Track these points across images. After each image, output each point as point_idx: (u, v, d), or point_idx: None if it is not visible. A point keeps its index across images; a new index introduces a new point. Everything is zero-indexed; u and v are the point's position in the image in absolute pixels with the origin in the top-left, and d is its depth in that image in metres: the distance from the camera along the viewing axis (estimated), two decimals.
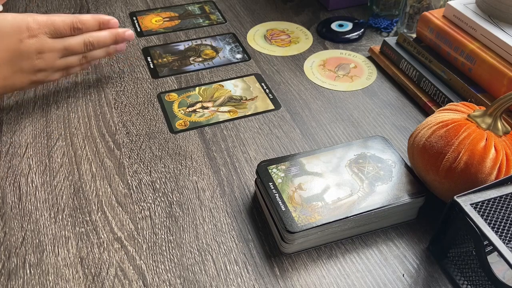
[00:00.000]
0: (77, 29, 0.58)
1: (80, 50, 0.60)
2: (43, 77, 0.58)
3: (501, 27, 0.58)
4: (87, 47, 0.60)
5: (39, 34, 0.55)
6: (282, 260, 0.45)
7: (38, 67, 0.57)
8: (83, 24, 0.59)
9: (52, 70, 0.59)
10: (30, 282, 0.43)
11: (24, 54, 0.55)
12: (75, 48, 0.59)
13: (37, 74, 0.58)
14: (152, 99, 0.64)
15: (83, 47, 0.60)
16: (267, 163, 0.50)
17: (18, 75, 0.56)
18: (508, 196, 0.42)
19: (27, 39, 0.54)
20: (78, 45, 0.59)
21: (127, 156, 0.55)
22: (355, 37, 0.76)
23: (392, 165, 0.50)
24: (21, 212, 0.49)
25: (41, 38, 0.55)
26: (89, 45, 0.60)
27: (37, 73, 0.57)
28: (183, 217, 0.49)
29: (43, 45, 0.56)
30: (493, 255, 0.43)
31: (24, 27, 0.54)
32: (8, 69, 0.54)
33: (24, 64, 0.55)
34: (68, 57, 0.59)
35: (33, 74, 0.57)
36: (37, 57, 0.56)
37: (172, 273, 0.44)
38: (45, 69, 0.58)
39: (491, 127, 0.46)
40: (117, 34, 0.62)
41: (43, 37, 0.56)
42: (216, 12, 0.83)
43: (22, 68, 0.56)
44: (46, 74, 0.59)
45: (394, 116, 0.62)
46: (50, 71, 0.59)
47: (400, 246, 0.47)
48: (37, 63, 0.56)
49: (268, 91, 0.66)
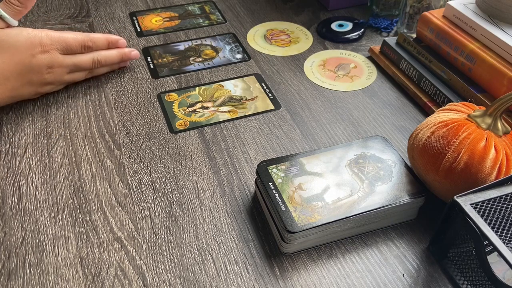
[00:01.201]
0: (88, 47, 0.62)
1: (88, 67, 0.63)
2: (49, 89, 0.62)
3: (501, 27, 0.58)
4: (95, 65, 0.63)
5: (51, 50, 0.58)
6: (282, 260, 0.46)
7: (47, 81, 0.60)
8: (93, 43, 0.62)
9: (59, 84, 0.62)
10: (30, 282, 0.43)
11: (35, 68, 0.57)
12: (83, 65, 0.62)
13: (44, 87, 0.61)
14: (152, 99, 0.64)
15: (91, 65, 0.63)
16: (267, 163, 0.50)
17: (27, 87, 0.59)
18: (508, 196, 0.42)
19: (39, 54, 0.57)
20: (87, 63, 0.62)
21: (127, 156, 0.55)
22: (355, 37, 0.76)
23: (392, 165, 0.50)
24: (21, 212, 0.49)
25: (52, 54, 0.58)
26: (97, 63, 0.63)
27: (45, 86, 0.60)
28: (183, 217, 0.49)
29: (53, 61, 0.58)
30: (493, 255, 0.43)
31: (37, 42, 0.57)
32: (18, 81, 0.57)
33: (33, 77, 0.58)
34: (76, 72, 0.63)
35: (41, 87, 0.60)
36: (47, 71, 0.59)
37: (172, 273, 0.44)
38: (53, 83, 0.61)
39: (491, 127, 0.46)
40: (124, 54, 0.66)
41: (54, 53, 0.58)
42: (216, 12, 0.83)
43: (31, 81, 0.58)
44: (53, 87, 0.62)
45: (394, 116, 0.62)
46: (56, 84, 0.62)
47: (400, 246, 0.47)
48: (47, 77, 0.59)
49: (268, 91, 0.66)
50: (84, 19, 0.79)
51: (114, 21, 0.79)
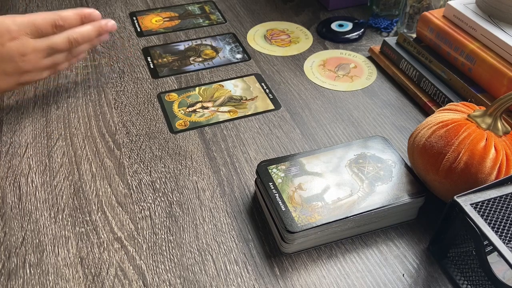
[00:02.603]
0: (59, 26, 0.57)
1: (65, 47, 0.58)
2: (30, 78, 0.58)
3: (501, 27, 0.58)
4: (71, 44, 0.59)
5: (20, 36, 0.54)
6: (282, 260, 0.45)
7: (24, 69, 0.56)
8: (64, 21, 0.57)
9: (38, 70, 0.58)
10: (30, 282, 0.43)
11: (6, 58, 0.54)
12: (59, 46, 0.58)
13: (24, 76, 0.57)
14: (152, 99, 0.64)
15: (68, 44, 0.58)
16: (267, 163, 0.50)
17: (3, 78, 0.55)
18: (508, 196, 0.42)
19: (8, 42, 0.53)
20: (62, 43, 0.58)
21: (127, 156, 0.55)
22: (355, 37, 0.76)
23: (392, 165, 0.50)
24: (21, 212, 0.49)
25: (22, 40, 0.54)
26: (74, 42, 0.59)
27: (24, 75, 0.57)
28: (183, 217, 0.49)
29: (25, 47, 0.55)
30: (493, 255, 0.43)
31: (4, 30, 0.53)
32: None
33: (7, 67, 0.55)
34: (54, 55, 0.58)
35: (19, 76, 0.56)
36: (20, 59, 0.55)
37: (172, 273, 0.44)
38: (31, 70, 0.57)
39: (491, 127, 0.46)
40: (100, 27, 0.61)
41: (24, 38, 0.54)
42: (216, 12, 0.83)
43: (6, 71, 0.55)
44: (33, 75, 0.58)
45: (394, 116, 0.62)
46: (36, 71, 0.58)
47: (400, 246, 0.47)
48: (22, 65, 0.55)
49: (268, 91, 0.66)
50: None
51: (114, 21, 0.79)
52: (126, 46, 0.74)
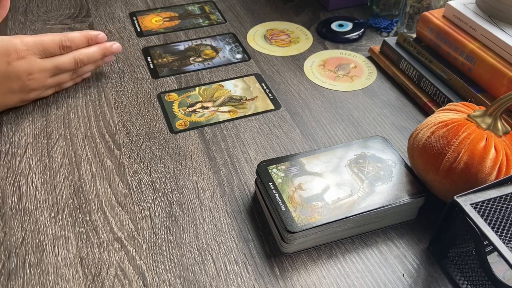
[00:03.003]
0: (66, 47, 0.60)
1: (70, 67, 0.61)
2: (35, 96, 0.60)
3: (501, 27, 0.58)
4: (77, 64, 0.61)
5: (28, 55, 0.56)
6: (282, 260, 0.46)
7: (29, 87, 0.58)
8: (71, 42, 0.60)
9: (43, 88, 0.60)
10: (30, 282, 0.43)
11: (13, 76, 0.56)
12: (65, 66, 0.60)
13: (29, 94, 0.59)
14: (152, 99, 0.64)
15: (74, 65, 0.61)
16: (267, 163, 0.50)
17: (9, 95, 0.57)
18: (508, 196, 0.42)
19: (15, 61, 0.55)
20: (68, 63, 0.60)
21: (127, 156, 0.55)
22: (355, 37, 0.76)
23: (392, 165, 0.50)
24: (21, 212, 0.49)
25: (29, 59, 0.56)
26: (80, 62, 0.61)
27: (29, 93, 0.59)
28: (183, 217, 0.49)
29: (32, 66, 0.57)
30: (493, 255, 0.43)
31: (11, 50, 0.55)
32: None
33: (14, 85, 0.57)
34: (59, 75, 0.61)
35: (25, 94, 0.59)
36: (27, 78, 0.57)
37: (172, 273, 0.44)
38: (37, 89, 0.59)
39: (491, 127, 0.46)
40: (105, 48, 0.64)
41: (32, 58, 0.57)
42: (216, 12, 0.83)
43: (12, 89, 0.57)
44: (38, 93, 0.60)
45: (394, 116, 0.62)
46: (41, 90, 0.60)
47: (400, 246, 0.47)
48: (28, 83, 0.57)
49: (268, 91, 0.66)
50: (84, 19, 0.79)
51: (114, 21, 0.79)
52: (126, 46, 0.74)
